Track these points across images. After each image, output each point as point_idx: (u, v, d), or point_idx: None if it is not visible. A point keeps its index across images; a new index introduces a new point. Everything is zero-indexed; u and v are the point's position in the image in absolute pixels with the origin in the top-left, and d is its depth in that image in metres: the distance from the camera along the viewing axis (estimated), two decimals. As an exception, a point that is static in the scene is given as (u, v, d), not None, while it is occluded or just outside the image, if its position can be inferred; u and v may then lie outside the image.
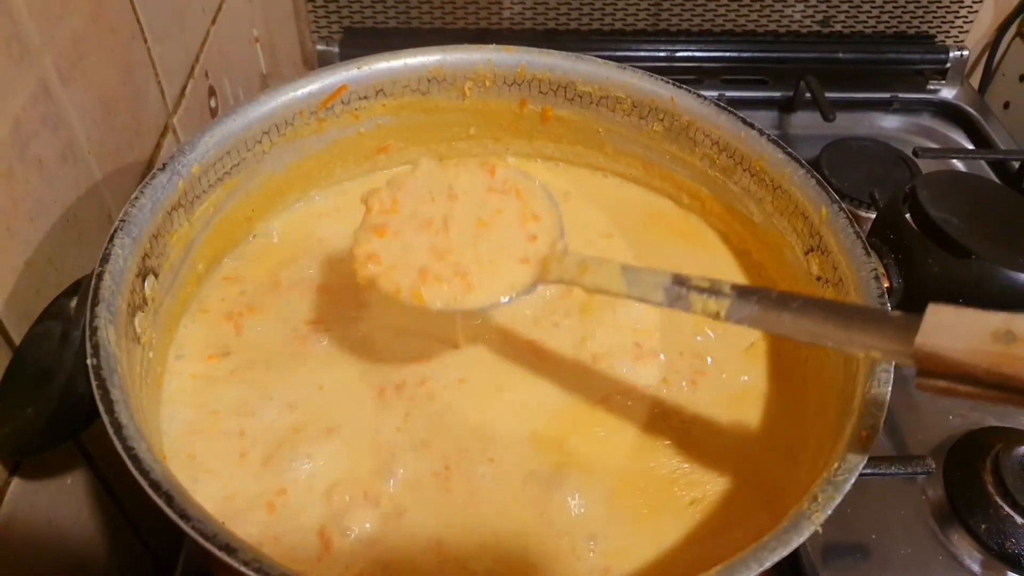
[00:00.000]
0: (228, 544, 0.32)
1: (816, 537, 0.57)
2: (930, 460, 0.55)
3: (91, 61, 0.52)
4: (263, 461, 0.45)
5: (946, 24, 0.97)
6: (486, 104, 0.61)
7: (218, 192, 0.52)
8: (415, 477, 0.45)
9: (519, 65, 0.59)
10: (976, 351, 0.31)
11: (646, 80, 0.58)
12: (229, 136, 0.51)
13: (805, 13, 0.95)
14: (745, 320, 0.39)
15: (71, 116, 0.49)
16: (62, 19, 0.48)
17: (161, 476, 0.34)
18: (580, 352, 0.52)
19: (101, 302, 0.40)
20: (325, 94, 0.56)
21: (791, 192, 0.53)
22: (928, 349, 0.32)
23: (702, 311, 0.40)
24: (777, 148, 0.54)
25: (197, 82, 0.72)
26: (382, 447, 0.47)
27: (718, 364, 0.53)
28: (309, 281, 0.55)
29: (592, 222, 0.61)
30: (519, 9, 0.92)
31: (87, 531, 0.51)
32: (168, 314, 0.48)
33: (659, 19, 0.94)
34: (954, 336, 0.32)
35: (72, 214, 0.50)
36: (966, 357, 0.31)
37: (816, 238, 0.51)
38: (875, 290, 0.45)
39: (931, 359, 0.32)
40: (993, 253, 0.47)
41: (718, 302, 0.40)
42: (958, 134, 0.96)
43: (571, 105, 0.60)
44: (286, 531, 0.43)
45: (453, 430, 0.48)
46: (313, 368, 0.50)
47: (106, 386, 0.37)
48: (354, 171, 0.61)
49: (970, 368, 0.31)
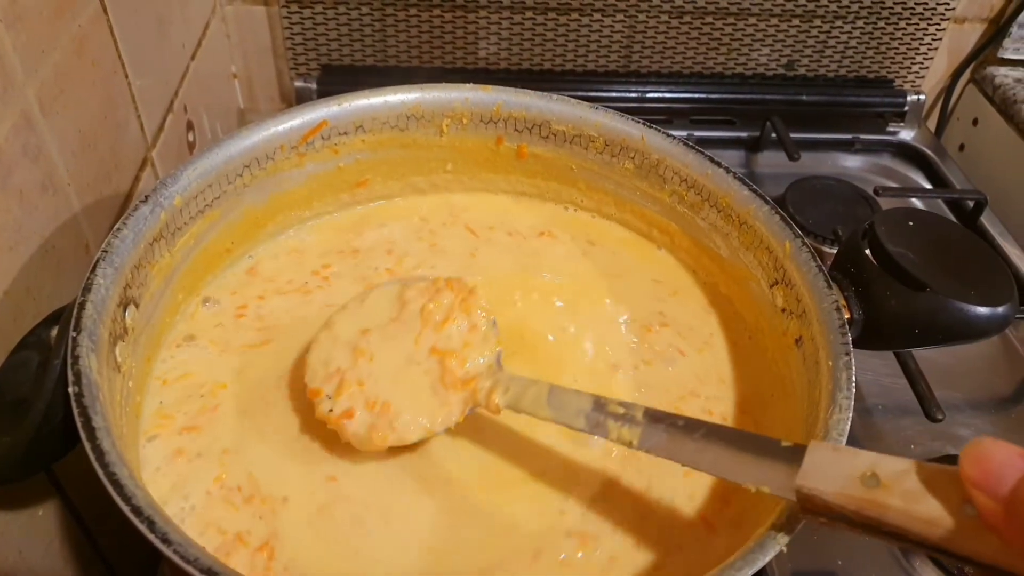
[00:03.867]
0: (210, 568, 0.32)
1: (784, 565, 0.59)
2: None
3: (73, 94, 0.53)
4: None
5: (904, 69, 1.01)
6: (463, 141, 0.62)
7: (199, 224, 0.52)
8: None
9: (495, 104, 0.60)
10: (845, 495, 0.33)
11: (617, 120, 0.60)
12: (211, 169, 0.52)
13: (771, 57, 0.99)
14: (654, 450, 0.41)
15: (51, 148, 0.50)
16: (46, 53, 0.49)
17: (143, 502, 0.34)
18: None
19: (83, 331, 0.40)
20: (306, 129, 0.57)
21: (756, 227, 0.54)
22: (805, 491, 0.34)
23: (617, 439, 0.42)
24: (743, 185, 0.56)
25: (176, 116, 0.73)
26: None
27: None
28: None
29: (565, 257, 0.62)
30: (494, 49, 0.95)
31: (57, 563, 0.51)
32: (148, 343, 0.49)
33: (630, 61, 0.97)
34: (827, 479, 0.33)
35: (50, 245, 0.50)
36: (838, 500, 0.33)
37: (780, 271, 0.53)
38: (836, 321, 0.47)
39: (809, 500, 0.34)
40: (947, 286, 0.49)
41: (631, 430, 0.41)
42: (916, 174, 0.99)
43: (545, 143, 0.62)
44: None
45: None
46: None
47: (88, 413, 0.37)
48: (333, 204, 0.62)
49: (841, 510, 0.33)
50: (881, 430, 0.68)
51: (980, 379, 0.74)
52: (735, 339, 0.57)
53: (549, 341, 0.56)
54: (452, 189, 0.65)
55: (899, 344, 0.59)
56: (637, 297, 0.59)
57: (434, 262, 0.61)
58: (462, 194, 0.65)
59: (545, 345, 0.56)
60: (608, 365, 0.55)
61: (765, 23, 0.95)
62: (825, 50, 0.99)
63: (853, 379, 0.44)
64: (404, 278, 0.54)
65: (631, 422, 0.42)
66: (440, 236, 0.63)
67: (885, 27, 0.97)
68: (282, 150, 0.56)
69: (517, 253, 0.62)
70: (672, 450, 0.40)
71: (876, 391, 0.71)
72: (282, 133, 0.56)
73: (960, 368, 0.74)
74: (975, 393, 0.73)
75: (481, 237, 0.63)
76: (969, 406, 0.71)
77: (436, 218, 0.64)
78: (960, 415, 0.70)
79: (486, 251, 0.62)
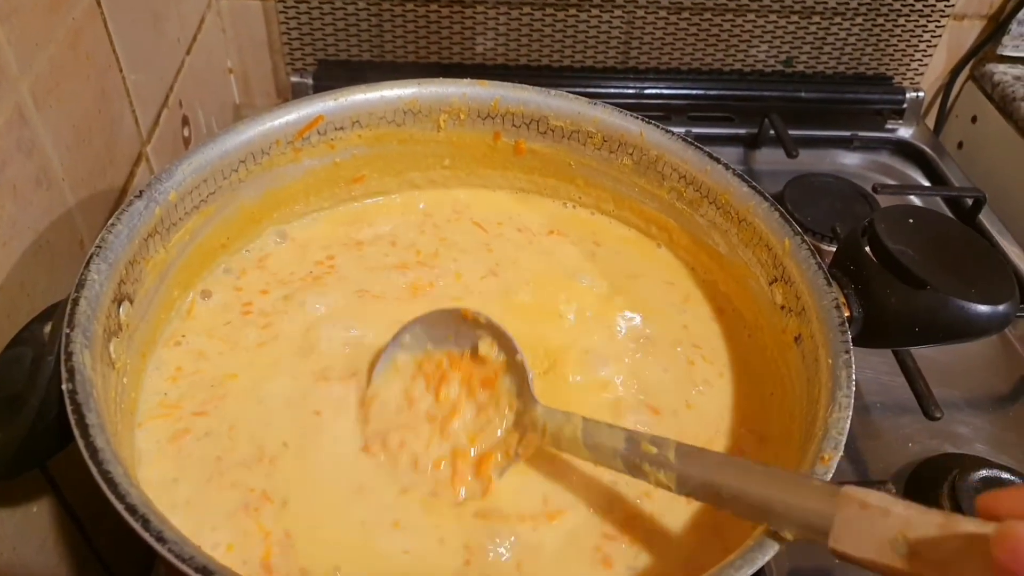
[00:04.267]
0: (205, 567, 0.32)
1: (782, 563, 0.59)
2: (891, 485, 0.56)
3: (67, 88, 0.52)
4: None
5: (903, 66, 1.01)
6: (460, 136, 0.62)
7: (194, 219, 0.52)
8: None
9: (493, 99, 0.60)
10: (878, 563, 0.33)
11: (616, 115, 0.59)
12: (206, 164, 0.52)
13: (769, 54, 0.98)
14: (693, 495, 0.41)
15: (45, 142, 0.50)
16: (40, 47, 0.49)
17: (137, 500, 0.34)
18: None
19: (77, 327, 0.40)
20: (302, 124, 0.56)
21: (755, 224, 0.54)
22: (839, 552, 0.35)
23: (656, 484, 0.42)
24: (742, 182, 0.55)
25: (171, 111, 0.72)
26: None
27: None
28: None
29: (564, 255, 0.62)
30: (491, 45, 0.94)
31: (52, 560, 0.51)
32: (142, 340, 0.48)
33: (628, 57, 0.97)
34: (859, 544, 0.34)
35: (44, 240, 0.50)
36: (870, 563, 0.34)
37: (780, 269, 0.52)
38: (836, 319, 0.47)
39: (843, 556, 0.35)
40: (947, 284, 0.49)
41: (667, 475, 0.41)
42: (915, 172, 0.99)
43: (543, 139, 0.61)
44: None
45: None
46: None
47: (82, 411, 0.36)
48: (329, 200, 0.62)
49: (873, 567, 0.34)
50: (879, 428, 0.68)
51: (978, 377, 0.74)
52: (734, 336, 0.57)
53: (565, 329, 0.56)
54: (450, 185, 0.65)
55: (899, 342, 0.59)
56: (635, 297, 0.59)
57: (454, 255, 0.60)
58: (460, 190, 0.65)
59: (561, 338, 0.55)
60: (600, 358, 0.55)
61: (763, 19, 0.95)
62: (824, 47, 0.98)
63: (853, 377, 0.44)
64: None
65: (665, 466, 0.41)
66: (446, 231, 0.62)
67: (884, 23, 0.97)
68: (278, 145, 0.56)
69: (530, 250, 0.62)
70: (708, 496, 0.40)
71: (875, 389, 0.71)
72: (278, 128, 0.55)
73: (958, 366, 0.74)
74: (973, 392, 0.73)
75: (491, 232, 0.63)
76: (967, 404, 0.71)
77: (439, 213, 0.64)
78: (958, 413, 0.70)
79: (500, 246, 0.62)
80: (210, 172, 0.52)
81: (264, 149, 0.55)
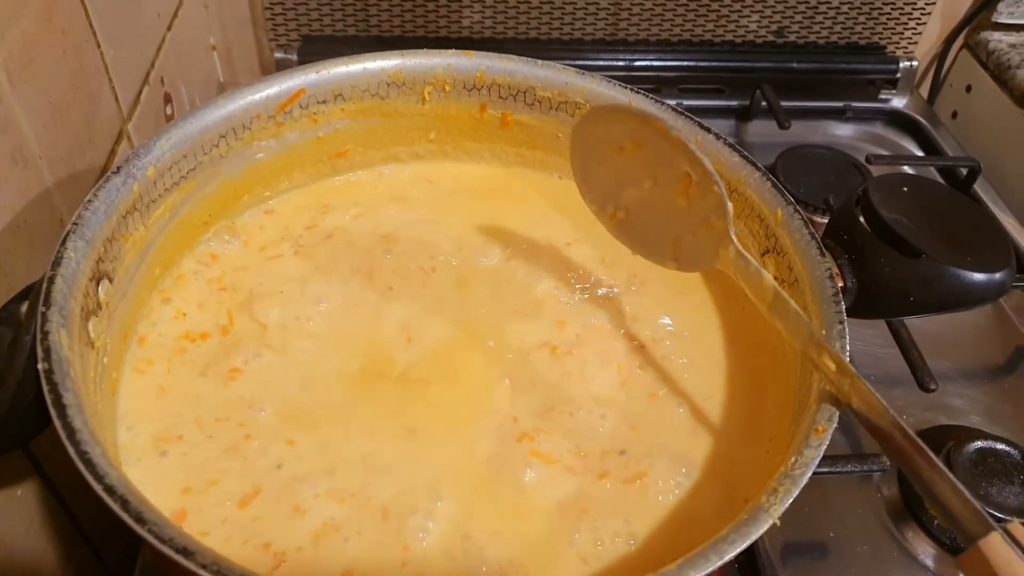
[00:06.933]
0: (185, 547, 0.31)
1: (775, 537, 0.59)
2: (885, 458, 0.56)
3: (42, 64, 0.51)
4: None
5: (896, 35, 1.00)
6: (446, 109, 0.61)
7: (174, 196, 0.51)
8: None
9: (478, 70, 0.59)
10: None
11: (604, 85, 0.58)
12: (185, 139, 0.51)
13: (760, 24, 0.97)
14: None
15: (21, 119, 0.48)
16: (12, 21, 0.47)
17: (116, 481, 0.33)
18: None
19: (53, 306, 0.39)
20: (283, 98, 0.55)
21: (747, 195, 0.53)
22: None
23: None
24: (733, 152, 0.54)
25: (152, 88, 0.71)
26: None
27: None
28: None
29: (555, 227, 0.61)
30: (479, 18, 0.93)
31: (38, 542, 0.50)
32: (124, 319, 0.47)
33: (617, 28, 0.95)
34: None
35: (22, 219, 0.49)
36: None
37: (772, 240, 0.52)
38: (830, 289, 0.46)
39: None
40: (942, 253, 0.48)
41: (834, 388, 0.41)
42: (909, 142, 0.98)
43: (531, 110, 0.60)
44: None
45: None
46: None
47: (58, 391, 0.36)
48: (313, 175, 0.61)
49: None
50: (873, 400, 0.68)
51: (973, 348, 0.74)
52: (726, 308, 0.56)
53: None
54: (435, 158, 0.64)
55: (894, 312, 0.58)
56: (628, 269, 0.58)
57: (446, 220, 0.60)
58: (446, 163, 0.64)
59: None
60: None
61: (755, -11, 0.93)
62: (816, 16, 0.97)
63: (847, 348, 0.43)
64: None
65: (837, 386, 0.41)
66: (438, 201, 0.62)
67: (877, -8, 0.95)
68: (259, 119, 0.55)
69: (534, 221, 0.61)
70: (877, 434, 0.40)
71: (868, 361, 0.70)
72: (259, 102, 0.54)
73: (952, 337, 0.74)
74: (968, 363, 0.72)
75: (483, 202, 0.62)
76: (962, 376, 0.71)
77: (423, 184, 0.63)
78: (953, 385, 0.70)
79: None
80: (190, 147, 0.51)
81: (245, 124, 0.54)
